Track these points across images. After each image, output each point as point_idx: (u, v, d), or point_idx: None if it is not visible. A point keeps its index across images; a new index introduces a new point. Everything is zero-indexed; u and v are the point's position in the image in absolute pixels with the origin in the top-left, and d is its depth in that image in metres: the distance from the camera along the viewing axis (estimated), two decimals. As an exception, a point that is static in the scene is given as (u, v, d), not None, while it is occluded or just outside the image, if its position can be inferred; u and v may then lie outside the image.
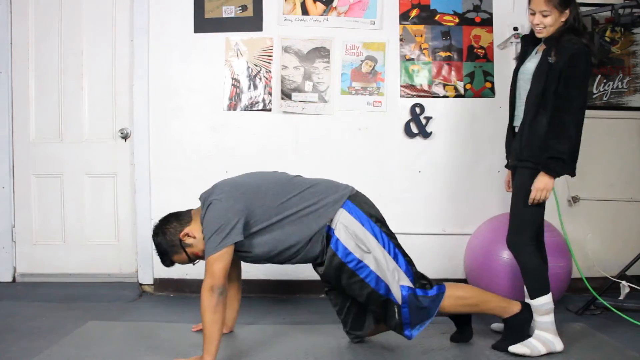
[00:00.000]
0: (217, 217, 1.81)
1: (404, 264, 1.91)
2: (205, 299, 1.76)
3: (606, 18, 3.00)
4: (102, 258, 3.03)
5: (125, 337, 2.19)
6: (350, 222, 1.90)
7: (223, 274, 1.78)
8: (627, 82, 3.06)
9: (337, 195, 1.94)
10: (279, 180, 1.99)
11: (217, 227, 1.79)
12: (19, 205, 3.06)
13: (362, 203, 1.96)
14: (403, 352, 2.02)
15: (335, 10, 2.97)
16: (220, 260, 1.78)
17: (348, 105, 2.97)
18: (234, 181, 1.99)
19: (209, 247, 1.80)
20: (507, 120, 2.34)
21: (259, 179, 1.99)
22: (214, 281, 1.76)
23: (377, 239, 1.90)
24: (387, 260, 1.88)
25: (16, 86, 3.04)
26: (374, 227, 1.91)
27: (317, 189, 1.96)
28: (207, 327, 1.76)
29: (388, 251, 1.90)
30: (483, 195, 3.00)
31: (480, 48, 3.00)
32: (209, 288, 1.76)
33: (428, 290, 1.91)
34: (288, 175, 2.05)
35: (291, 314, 2.59)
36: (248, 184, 1.94)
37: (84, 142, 3.05)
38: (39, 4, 3.03)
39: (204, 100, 2.98)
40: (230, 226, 1.79)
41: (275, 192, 1.92)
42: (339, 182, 2.05)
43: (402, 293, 1.86)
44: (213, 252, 1.78)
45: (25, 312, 2.57)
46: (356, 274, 1.87)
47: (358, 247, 1.87)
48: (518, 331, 1.99)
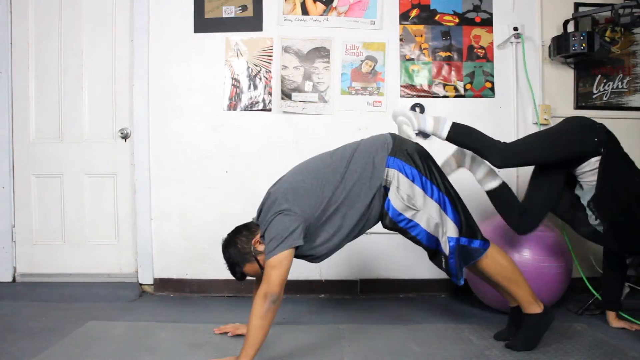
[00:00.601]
0: (276, 226, 1.82)
1: (451, 213, 1.92)
2: (256, 304, 1.76)
3: (606, 18, 3.00)
4: (102, 258, 3.03)
5: (125, 337, 2.19)
6: (399, 180, 1.90)
7: (279, 281, 1.77)
8: (627, 82, 3.06)
9: (378, 160, 1.94)
10: (319, 170, 1.96)
11: (275, 234, 1.81)
12: (19, 205, 3.06)
13: (405, 153, 1.94)
14: (403, 353, 2.02)
15: (335, 10, 2.97)
16: (278, 267, 1.78)
17: (348, 105, 2.97)
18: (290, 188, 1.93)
19: (267, 251, 1.81)
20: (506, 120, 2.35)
21: (303, 176, 1.97)
22: (269, 288, 1.76)
23: (426, 191, 1.91)
24: (436, 214, 1.90)
25: (16, 86, 3.04)
26: (424, 181, 1.91)
27: (356, 164, 1.95)
28: (251, 330, 1.75)
29: (438, 202, 1.91)
30: (483, 195, 2.99)
31: (480, 48, 3.00)
32: (263, 294, 1.75)
33: (473, 240, 1.94)
34: (325, 158, 2.03)
35: (291, 314, 2.59)
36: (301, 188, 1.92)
37: (84, 142, 3.05)
38: (39, 4, 3.03)
39: (204, 100, 2.98)
40: (289, 232, 1.80)
41: (320, 185, 1.91)
42: (375, 139, 2.03)
43: (450, 244, 1.89)
44: (270, 255, 1.78)
45: (25, 312, 2.57)
46: (408, 231, 1.92)
47: (407, 207, 1.89)
48: (533, 331, 2.00)
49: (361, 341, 2.14)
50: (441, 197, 1.93)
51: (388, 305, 2.79)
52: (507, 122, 2.99)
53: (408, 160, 1.93)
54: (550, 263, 2.36)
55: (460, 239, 1.91)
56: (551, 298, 2.43)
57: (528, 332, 2.00)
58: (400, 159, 1.93)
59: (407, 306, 2.76)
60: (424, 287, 2.97)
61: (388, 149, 1.96)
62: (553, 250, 2.38)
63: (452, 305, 2.77)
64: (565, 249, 2.50)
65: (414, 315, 2.57)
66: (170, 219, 2.95)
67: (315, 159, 2.06)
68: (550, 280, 2.37)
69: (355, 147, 2.02)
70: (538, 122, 2.96)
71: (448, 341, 2.14)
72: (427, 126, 2.14)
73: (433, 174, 1.95)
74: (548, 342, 2.09)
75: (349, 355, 1.98)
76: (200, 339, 2.16)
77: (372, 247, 2.94)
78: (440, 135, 2.15)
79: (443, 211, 1.92)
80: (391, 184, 1.91)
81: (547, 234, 2.42)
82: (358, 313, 2.63)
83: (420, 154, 1.98)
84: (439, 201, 1.92)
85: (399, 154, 1.94)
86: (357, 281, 2.99)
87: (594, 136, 2.11)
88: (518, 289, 1.99)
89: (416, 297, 2.92)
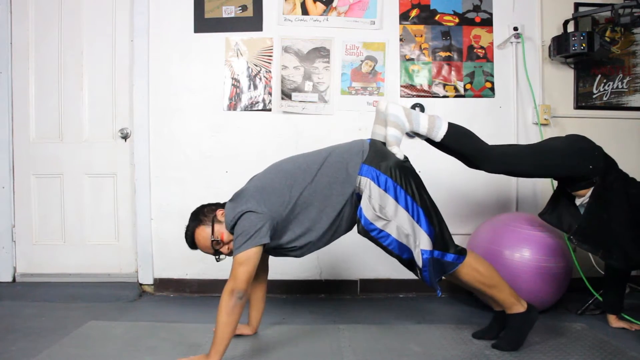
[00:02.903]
0: (242, 223, 1.84)
1: (426, 225, 1.89)
2: (223, 300, 1.77)
3: (606, 18, 3.00)
4: (102, 258, 3.03)
5: (125, 337, 2.19)
6: (371, 189, 1.88)
7: (246, 278, 1.78)
8: (627, 82, 3.06)
9: (351, 167, 1.92)
10: (289, 171, 1.97)
11: (242, 230, 1.82)
12: (19, 205, 3.06)
13: (380, 161, 1.91)
14: (403, 353, 2.02)
15: (335, 10, 2.97)
16: (244, 264, 1.78)
17: (348, 105, 2.97)
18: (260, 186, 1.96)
19: (234, 247, 1.82)
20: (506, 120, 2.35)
21: (278, 175, 1.98)
22: (235, 284, 1.77)
23: (399, 202, 1.88)
24: (408, 225, 1.87)
25: (16, 86, 3.04)
26: (398, 191, 1.88)
27: (328, 167, 1.94)
28: (219, 327, 1.77)
29: (411, 213, 1.88)
30: (483, 195, 3.00)
31: (480, 48, 3.00)
32: (230, 290, 1.77)
33: (446, 254, 1.92)
34: (298, 159, 2.03)
35: (291, 314, 2.59)
36: (270, 186, 1.93)
37: (84, 142, 3.05)
38: (39, 4, 3.03)
39: (204, 100, 2.98)
40: (255, 229, 1.81)
41: (289, 185, 1.92)
42: (351, 145, 2.01)
43: (423, 257, 1.87)
44: (238, 252, 1.79)
45: (25, 312, 2.57)
46: (379, 242, 1.90)
47: (378, 217, 1.87)
48: (517, 331, 2.00)
49: (361, 341, 2.14)
50: (415, 209, 1.89)
51: (388, 305, 2.79)
52: (507, 122, 3.00)
53: (383, 168, 1.90)
54: (550, 263, 2.36)
55: (433, 251, 1.89)
56: (551, 298, 2.44)
57: (513, 331, 2.00)
58: (375, 167, 1.91)
59: (407, 306, 2.76)
60: (424, 287, 2.95)
61: (363, 157, 1.94)
62: (553, 250, 2.38)
63: (452, 305, 2.77)
64: (565, 249, 2.50)
65: (414, 315, 2.57)
66: (170, 219, 2.95)
67: (290, 159, 2.07)
68: (550, 280, 2.37)
69: (330, 151, 2.01)
70: (538, 122, 2.96)
71: (448, 341, 2.13)
72: (421, 127, 2.02)
73: (409, 184, 1.92)
74: (548, 342, 2.10)
75: (349, 355, 1.98)
76: (200, 339, 2.16)
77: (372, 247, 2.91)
78: (434, 138, 2.05)
79: (416, 223, 1.89)
80: (363, 192, 1.89)
81: (547, 234, 2.42)
82: (358, 313, 2.63)
83: (398, 163, 1.94)
84: (412, 213, 1.89)
85: (374, 162, 1.92)
86: (356, 281, 2.99)
87: (590, 163, 2.09)
88: (499, 293, 1.99)
89: (416, 297, 2.92)
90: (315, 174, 1.94)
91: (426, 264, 1.87)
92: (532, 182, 3.00)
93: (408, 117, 2.01)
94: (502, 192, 3.00)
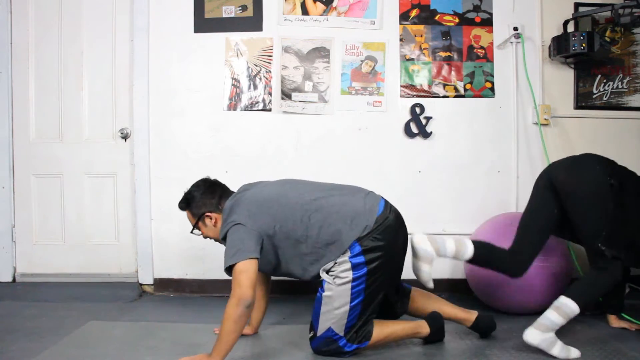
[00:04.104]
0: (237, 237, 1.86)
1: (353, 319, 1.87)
2: (230, 308, 1.76)
3: (606, 18, 3.00)
4: (102, 258, 3.03)
5: (125, 337, 2.19)
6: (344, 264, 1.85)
7: (250, 284, 1.77)
8: (627, 82, 3.06)
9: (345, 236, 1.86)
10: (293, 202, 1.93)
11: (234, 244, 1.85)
12: (19, 205, 3.06)
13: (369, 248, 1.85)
14: (403, 353, 2.02)
15: (335, 10, 2.97)
16: (246, 271, 1.79)
17: (348, 105, 2.97)
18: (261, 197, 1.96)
19: (228, 255, 1.84)
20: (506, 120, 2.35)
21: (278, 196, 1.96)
22: (242, 292, 1.76)
23: (353, 293, 1.84)
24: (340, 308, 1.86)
25: (16, 86, 3.04)
26: (360, 284, 1.84)
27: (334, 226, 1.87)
28: (224, 333, 1.76)
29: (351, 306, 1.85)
30: (483, 195, 3.00)
31: (480, 48, 3.00)
32: (237, 300, 1.76)
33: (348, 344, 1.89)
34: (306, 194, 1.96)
35: (291, 314, 2.59)
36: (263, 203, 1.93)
37: (84, 142, 3.05)
38: (39, 4, 3.03)
39: (204, 100, 2.98)
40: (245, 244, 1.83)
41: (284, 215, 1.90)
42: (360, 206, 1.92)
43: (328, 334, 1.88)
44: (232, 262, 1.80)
45: (25, 312, 2.57)
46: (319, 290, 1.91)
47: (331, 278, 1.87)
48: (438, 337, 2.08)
49: (361, 341, 2.14)
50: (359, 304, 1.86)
51: (388, 305, 2.79)
52: (507, 122, 3.00)
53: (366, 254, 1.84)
54: (550, 263, 2.36)
55: (341, 338, 1.88)
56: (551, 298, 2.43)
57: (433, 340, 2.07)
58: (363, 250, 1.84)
59: (407, 306, 2.75)
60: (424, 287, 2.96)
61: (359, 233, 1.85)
62: (553, 250, 2.38)
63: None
64: (565, 248, 2.51)
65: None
66: (170, 219, 2.95)
67: (299, 188, 2.01)
68: (550, 280, 2.37)
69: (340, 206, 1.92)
70: (538, 122, 2.96)
71: (448, 341, 2.13)
72: (448, 252, 2.05)
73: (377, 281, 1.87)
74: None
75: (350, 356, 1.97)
76: (200, 339, 2.16)
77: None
78: (462, 259, 2.09)
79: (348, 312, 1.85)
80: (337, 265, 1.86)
81: (547, 234, 2.41)
82: (358, 313, 2.62)
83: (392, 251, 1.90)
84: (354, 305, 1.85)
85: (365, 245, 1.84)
86: (357, 281, 2.99)
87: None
88: (400, 337, 2.02)
89: (416, 297, 2.91)
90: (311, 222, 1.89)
91: (322, 338, 1.89)
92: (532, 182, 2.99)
93: (434, 246, 2.05)
94: (502, 192, 3.00)
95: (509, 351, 2.00)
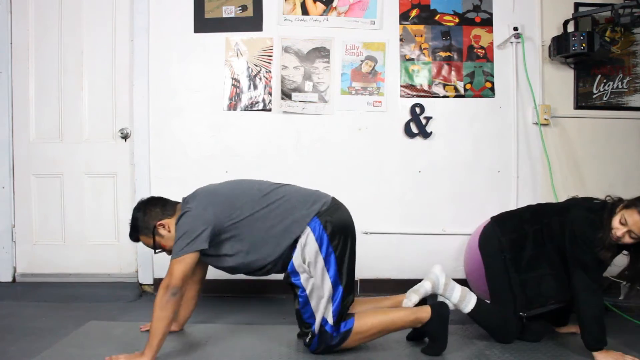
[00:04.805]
0: (186, 224, 1.87)
1: (338, 299, 1.91)
2: (158, 296, 1.82)
3: (606, 18, 3.00)
4: (102, 258, 3.03)
5: (125, 337, 2.19)
6: (310, 241, 1.91)
7: (181, 276, 1.82)
8: (627, 82, 3.06)
9: (306, 211, 1.94)
10: (252, 192, 1.99)
11: (183, 232, 1.85)
12: (19, 205, 3.06)
13: (329, 221, 1.93)
14: (402, 353, 2.02)
15: (335, 10, 2.97)
16: (181, 263, 1.83)
17: (348, 105, 2.97)
18: (212, 190, 2.02)
19: (174, 250, 1.86)
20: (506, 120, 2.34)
21: (235, 189, 2.02)
22: (170, 281, 1.81)
23: (327, 266, 1.91)
24: (324, 290, 1.90)
25: (16, 86, 3.04)
26: (330, 255, 1.91)
27: (287, 203, 1.96)
28: (153, 322, 1.81)
29: (332, 282, 1.90)
30: (483, 195, 3.00)
31: (480, 48, 3.00)
32: (165, 286, 1.81)
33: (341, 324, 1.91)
34: (264, 186, 2.04)
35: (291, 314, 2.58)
36: (223, 195, 1.98)
37: (84, 142, 3.05)
38: (39, 4, 3.03)
39: (204, 100, 2.98)
40: (196, 234, 1.84)
41: (245, 202, 1.95)
42: (314, 193, 2.04)
43: (322, 324, 1.90)
44: (176, 256, 1.84)
45: (25, 312, 2.57)
46: (295, 291, 1.93)
47: (302, 267, 1.91)
48: (436, 335, 1.99)
49: (361, 341, 2.14)
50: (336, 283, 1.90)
51: (388, 305, 2.79)
52: (507, 122, 3.00)
53: (328, 229, 1.91)
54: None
55: (333, 326, 1.90)
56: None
57: (432, 336, 2.00)
58: (323, 223, 1.92)
59: (407, 306, 2.75)
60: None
61: (319, 208, 1.95)
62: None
63: (452, 305, 2.77)
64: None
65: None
66: (170, 219, 2.95)
67: (255, 181, 2.10)
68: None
69: (294, 190, 2.03)
70: (538, 122, 2.96)
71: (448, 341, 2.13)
72: (453, 298, 2.09)
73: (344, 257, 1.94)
74: (548, 342, 2.10)
75: (349, 356, 1.97)
76: (200, 338, 2.16)
77: (372, 247, 2.94)
78: (462, 310, 2.10)
79: (332, 291, 1.90)
80: (300, 239, 1.91)
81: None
82: (358, 313, 2.62)
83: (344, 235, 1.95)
84: (335, 285, 1.90)
85: (324, 219, 1.93)
86: (357, 281, 2.98)
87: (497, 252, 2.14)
88: (396, 326, 1.98)
89: (416, 297, 2.91)
90: (272, 202, 1.96)
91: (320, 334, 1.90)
92: (532, 182, 3.00)
93: (446, 283, 2.12)
94: (502, 192, 3.00)
95: (509, 351, 2.00)
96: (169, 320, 1.82)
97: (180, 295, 1.83)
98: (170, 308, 1.81)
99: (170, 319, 1.82)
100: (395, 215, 2.98)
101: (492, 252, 2.16)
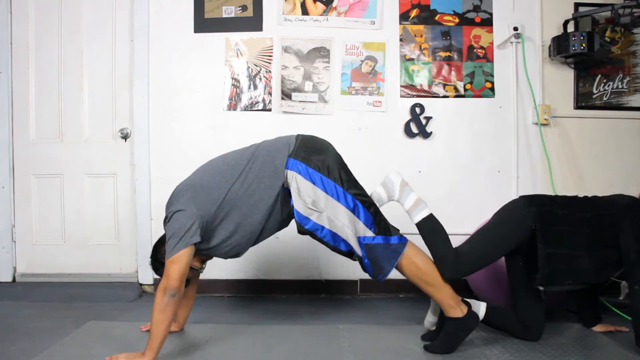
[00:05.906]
0: (172, 226, 1.87)
1: (363, 213, 1.91)
2: (157, 298, 1.81)
3: (606, 18, 3.00)
4: (102, 258, 3.03)
5: (125, 337, 2.19)
6: (299, 182, 1.90)
7: (178, 276, 1.80)
8: (627, 82, 3.06)
9: (278, 161, 1.94)
10: (222, 169, 1.99)
11: (172, 233, 1.84)
12: (19, 205, 3.06)
13: (307, 156, 1.93)
14: (403, 353, 2.02)
15: (335, 10, 2.97)
16: (176, 262, 1.81)
17: (348, 105, 2.97)
18: (186, 185, 2.00)
19: (166, 251, 1.85)
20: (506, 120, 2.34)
21: (206, 173, 2.01)
22: (168, 282, 1.80)
23: (330, 193, 1.90)
24: (343, 215, 1.89)
25: (16, 86, 3.04)
26: (325, 182, 1.91)
27: (256, 162, 1.96)
28: (153, 324, 1.81)
29: (344, 204, 1.90)
30: (483, 195, 3.00)
31: (480, 48, 3.00)
32: (163, 288, 1.80)
33: (390, 237, 1.92)
34: (229, 158, 2.04)
35: (291, 314, 2.59)
36: (197, 184, 1.97)
37: (84, 142, 3.05)
38: (39, 4, 3.03)
39: (204, 100, 2.98)
40: (185, 230, 1.83)
41: (217, 182, 1.94)
42: (278, 140, 2.03)
43: (362, 244, 1.90)
44: (169, 256, 1.82)
45: (25, 312, 2.57)
46: (315, 234, 1.92)
47: (311, 210, 1.89)
48: (452, 335, 1.97)
49: (361, 341, 2.14)
50: (348, 198, 1.91)
51: (388, 305, 2.79)
52: (507, 122, 3.00)
53: (311, 163, 1.92)
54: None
55: (375, 237, 1.91)
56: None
57: (447, 335, 1.98)
58: (301, 160, 1.92)
59: (407, 306, 2.76)
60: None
61: (289, 150, 1.96)
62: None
63: (452, 305, 2.77)
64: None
65: (414, 315, 2.57)
66: (170, 219, 2.95)
67: (220, 157, 2.09)
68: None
69: (257, 147, 2.04)
70: (538, 122, 2.96)
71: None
72: (406, 203, 2.10)
73: (339, 174, 1.94)
74: (548, 342, 2.10)
75: (349, 356, 1.97)
76: (200, 338, 2.16)
77: (372, 247, 2.93)
78: (411, 218, 2.11)
79: (351, 212, 1.90)
80: (291, 187, 1.91)
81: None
82: (358, 313, 2.63)
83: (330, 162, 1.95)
84: (346, 202, 1.90)
85: (299, 155, 1.93)
86: (356, 281, 2.99)
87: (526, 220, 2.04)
88: (436, 292, 1.98)
89: (416, 297, 2.91)
90: (243, 169, 1.96)
91: (365, 253, 1.89)
92: (532, 182, 3.00)
93: (401, 189, 2.11)
94: (502, 192, 3.00)
95: (509, 351, 2.00)
96: (169, 322, 1.82)
97: (179, 296, 1.83)
98: (170, 310, 1.80)
99: (170, 321, 1.82)
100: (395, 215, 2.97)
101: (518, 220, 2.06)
